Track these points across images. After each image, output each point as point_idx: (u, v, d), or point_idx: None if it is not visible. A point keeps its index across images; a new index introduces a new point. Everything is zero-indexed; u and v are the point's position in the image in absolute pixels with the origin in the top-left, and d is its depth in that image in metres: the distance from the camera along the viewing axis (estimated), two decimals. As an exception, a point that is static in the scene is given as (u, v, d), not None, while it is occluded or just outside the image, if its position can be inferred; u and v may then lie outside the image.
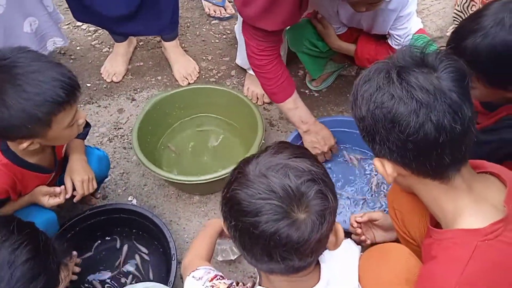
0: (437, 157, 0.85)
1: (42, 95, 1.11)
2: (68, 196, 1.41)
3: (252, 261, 0.84)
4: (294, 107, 1.65)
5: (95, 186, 1.45)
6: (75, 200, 1.44)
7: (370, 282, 0.97)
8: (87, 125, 1.45)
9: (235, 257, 1.48)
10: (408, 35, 1.64)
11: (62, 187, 1.39)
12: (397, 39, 1.63)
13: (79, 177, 1.41)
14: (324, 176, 0.83)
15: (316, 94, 2.07)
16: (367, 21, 1.65)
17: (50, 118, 1.15)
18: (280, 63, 1.59)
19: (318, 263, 0.91)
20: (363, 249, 1.12)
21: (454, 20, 2.23)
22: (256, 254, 0.81)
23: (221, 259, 1.48)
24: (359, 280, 0.98)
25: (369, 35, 1.73)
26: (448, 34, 2.27)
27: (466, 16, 2.12)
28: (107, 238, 1.59)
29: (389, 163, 0.90)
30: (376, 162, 0.92)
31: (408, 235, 1.17)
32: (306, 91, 2.09)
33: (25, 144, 1.17)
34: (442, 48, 0.93)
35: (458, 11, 2.18)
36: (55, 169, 1.42)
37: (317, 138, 1.68)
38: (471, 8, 2.09)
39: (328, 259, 0.92)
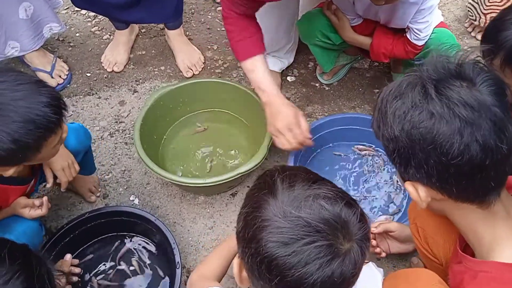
0: (481, 181, 0.76)
1: (33, 122, 1.03)
2: (49, 186, 1.36)
3: None
4: (251, 69, 1.42)
5: (77, 168, 1.38)
6: (62, 189, 1.40)
7: None
8: None
9: None
10: (428, 29, 1.53)
11: (45, 198, 1.32)
12: (416, 33, 1.53)
13: (58, 165, 1.33)
14: (347, 194, 0.77)
15: (327, 88, 1.98)
16: (385, 14, 1.55)
17: (42, 143, 1.08)
18: (247, 20, 1.43)
19: None
20: (383, 267, 1.04)
21: (468, 11, 2.11)
22: None
23: None
24: None
25: (386, 28, 1.63)
26: (466, 26, 2.16)
27: (482, 8, 2.00)
28: (107, 240, 1.52)
29: (423, 187, 0.80)
30: (409, 186, 0.82)
31: (430, 253, 1.09)
32: (317, 85, 1.99)
33: (11, 171, 1.10)
34: (467, 48, 0.83)
35: (474, 1, 2.06)
36: (33, 176, 1.35)
37: (271, 112, 1.40)
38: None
39: None
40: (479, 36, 2.14)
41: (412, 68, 0.82)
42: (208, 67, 2.06)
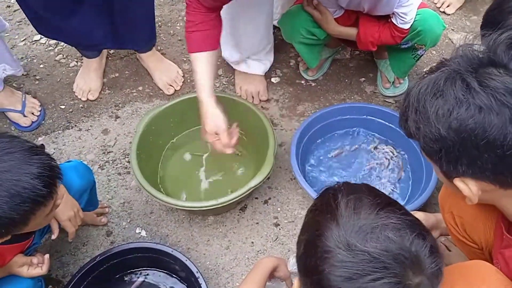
0: None
1: (19, 196, 0.94)
2: (54, 237, 1.27)
3: None
4: (194, 65, 1.39)
5: (82, 216, 1.30)
6: (70, 239, 1.31)
7: None
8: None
9: None
10: (413, 12, 1.52)
11: (46, 256, 1.21)
12: (402, 17, 1.51)
13: (64, 215, 1.24)
14: (419, 222, 0.72)
15: (313, 84, 1.94)
16: (369, 3, 1.52)
17: (29, 217, 0.99)
18: (208, 14, 1.36)
19: None
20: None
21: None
22: None
23: None
24: None
25: (369, 16, 1.61)
26: (435, 2, 2.18)
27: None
28: (125, 280, 1.44)
29: (473, 181, 0.78)
30: (460, 183, 0.79)
31: (469, 239, 1.08)
32: (302, 82, 1.95)
33: None
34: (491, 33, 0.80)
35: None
36: (33, 232, 1.24)
37: (203, 115, 1.39)
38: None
39: None
40: (448, 10, 2.17)
41: (439, 63, 0.79)
42: (189, 80, 1.98)
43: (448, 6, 2.18)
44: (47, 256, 1.22)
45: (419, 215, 1.27)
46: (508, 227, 0.93)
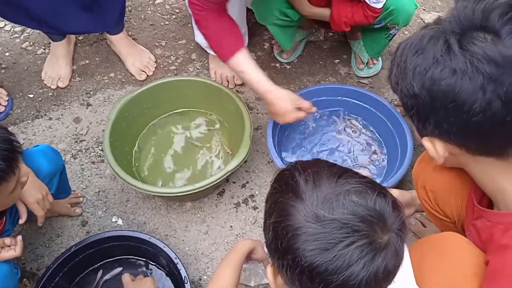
0: (502, 136, 0.74)
1: None
2: (22, 221, 1.21)
3: None
4: (240, 70, 1.39)
5: (51, 200, 1.25)
6: (39, 223, 1.25)
7: (433, 282, 0.88)
8: None
9: None
10: (385, -11, 1.52)
11: (19, 237, 1.17)
12: (375, -4, 1.51)
13: (31, 197, 1.19)
14: (377, 183, 0.72)
15: (288, 67, 1.93)
16: (342, -18, 1.51)
17: None
18: (220, 16, 1.38)
19: None
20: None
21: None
22: None
23: (253, 285, 1.34)
24: (416, 282, 0.89)
25: (342, -4, 1.60)
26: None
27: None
28: (100, 270, 1.41)
29: (440, 142, 0.80)
30: (426, 143, 0.81)
31: (442, 214, 1.09)
32: (277, 65, 1.94)
33: None
34: None
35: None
36: (3, 214, 1.20)
37: (269, 101, 1.42)
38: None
39: None
40: None
41: (436, 20, 0.78)
42: (161, 66, 1.94)
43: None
44: (19, 237, 1.17)
45: (394, 192, 1.28)
46: (479, 199, 0.94)
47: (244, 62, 1.38)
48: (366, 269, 0.64)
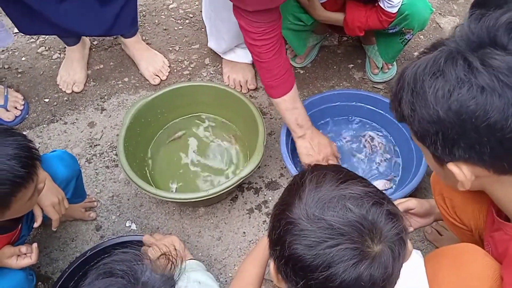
0: None
1: None
2: (37, 225, 1.23)
3: None
4: (292, 107, 1.46)
5: (67, 206, 1.27)
6: (53, 228, 1.26)
7: None
8: None
9: None
10: (400, -5, 1.50)
11: (34, 244, 1.19)
12: (390, 1, 1.49)
13: (47, 200, 1.20)
14: (381, 192, 0.73)
15: (301, 72, 1.92)
16: (357, -14, 1.50)
17: (9, 200, 0.97)
18: (281, 51, 1.40)
19: None
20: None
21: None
22: None
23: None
24: None
25: (356, 1, 1.59)
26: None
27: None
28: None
29: (467, 166, 0.76)
30: (454, 168, 0.77)
31: (459, 221, 1.08)
32: (290, 69, 1.93)
33: None
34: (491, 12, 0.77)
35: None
36: (19, 222, 1.21)
37: (312, 145, 1.50)
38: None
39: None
40: None
41: (435, 43, 0.77)
42: (175, 70, 1.95)
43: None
44: (35, 245, 1.19)
45: (412, 201, 1.26)
46: (498, 211, 0.92)
47: (297, 99, 1.47)
48: (347, 273, 0.65)
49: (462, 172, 0.77)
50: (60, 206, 1.24)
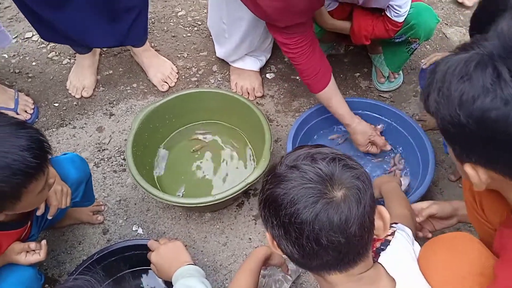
0: None
1: (8, 168, 0.94)
2: (40, 211, 1.22)
3: (304, 260, 0.79)
4: (328, 105, 1.58)
5: (69, 203, 1.26)
6: (49, 216, 1.24)
7: (439, 279, 0.88)
8: None
9: (290, 284, 1.36)
10: (407, 4, 1.52)
11: (43, 241, 1.20)
12: (397, 10, 1.51)
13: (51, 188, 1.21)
14: (347, 155, 0.81)
15: (308, 79, 1.94)
16: (365, -5, 1.52)
17: (21, 191, 0.98)
18: (313, 54, 1.49)
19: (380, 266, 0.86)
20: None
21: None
22: (305, 247, 0.75)
23: None
24: (424, 273, 0.90)
25: (363, 9, 1.61)
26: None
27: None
28: (125, 278, 1.42)
29: (483, 169, 0.76)
30: (469, 170, 0.77)
31: (484, 218, 1.08)
32: (297, 77, 1.95)
33: None
34: None
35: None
36: (28, 218, 1.23)
37: (355, 137, 1.61)
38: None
39: (385, 260, 0.87)
40: (467, 2, 2.17)
41: (474, 42, 0.74)
42: (183, 77, 1.97)
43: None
44: (44, 241, 1.20)
45: (434, 207, 1.27)
46: None
47: (331, 98, 1.57)
48: (307, 210, 0.73)
49: (477, 175, 0.77)
50: (62, 196, 1.24)
